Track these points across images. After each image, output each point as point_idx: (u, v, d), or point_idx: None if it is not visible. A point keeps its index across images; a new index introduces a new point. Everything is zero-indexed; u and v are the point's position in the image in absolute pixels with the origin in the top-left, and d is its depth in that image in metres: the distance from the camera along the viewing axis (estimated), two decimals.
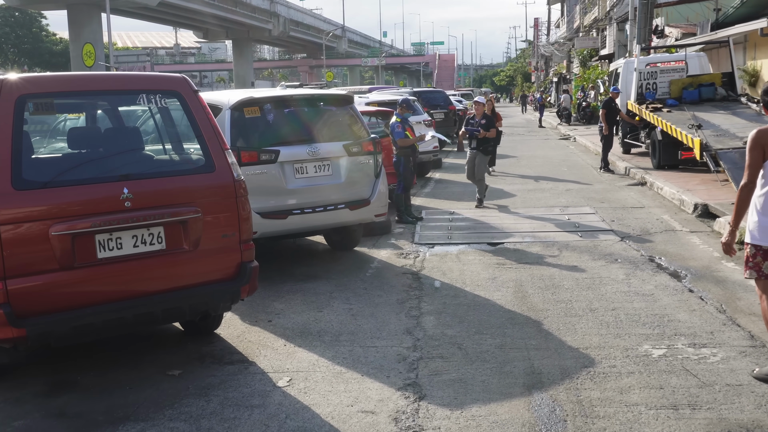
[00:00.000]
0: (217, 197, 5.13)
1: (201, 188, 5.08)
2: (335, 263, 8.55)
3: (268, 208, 7.63)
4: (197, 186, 5.07)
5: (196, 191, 5.06)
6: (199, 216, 5.00)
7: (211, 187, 5.11)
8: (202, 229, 5.02)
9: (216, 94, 8.60)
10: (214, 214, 5.11)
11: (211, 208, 5.09)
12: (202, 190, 5.08)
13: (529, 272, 7.89)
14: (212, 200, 5.10)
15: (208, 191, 5.10)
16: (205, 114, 5.18)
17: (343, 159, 8.09)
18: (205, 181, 5.10)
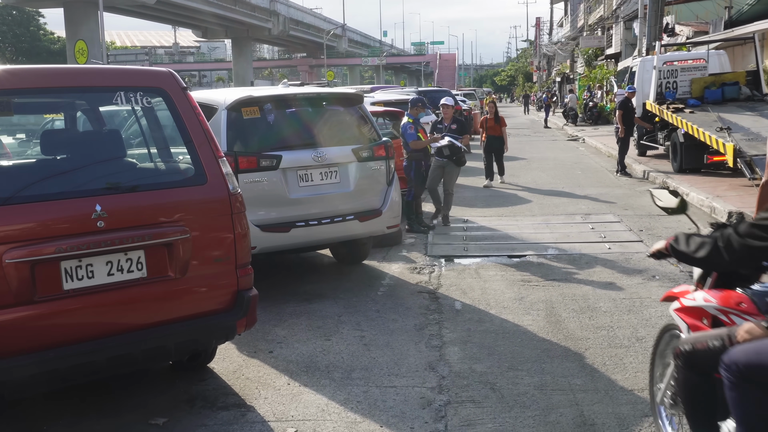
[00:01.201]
0: (209, 214, 4.33)
1: (190, 204, 4.27)
2: (343, 280, 7.74)
3: (268, 221, 6.82)
4: (185, 201, 4.27)
5: (184, 207, 4.25)
6: (188, 237, 4.19)
7: (201, 202, 4.31)
8: (190, 252, 4.21)
9: (211, 92, 7.78)
10: (206, 234, 4.31)
11: (202, 227, 4.28)
12: (190, 205, 4.27)
13: (559, 291, 7.08)
14: (203, 218, 4.30)
15: (199, 207, 4.29)
16: (194, 115, 4.37)
17: (351, 165, 7.28)
18: (195, 195, 4.29)
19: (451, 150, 10.49)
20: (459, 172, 10.95)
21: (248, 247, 4.52)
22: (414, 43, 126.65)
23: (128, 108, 4.50)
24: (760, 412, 2.75)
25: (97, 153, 4.30)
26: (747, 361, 2.76)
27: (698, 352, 3.07)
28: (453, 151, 10.52)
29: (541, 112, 52.85)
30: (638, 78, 18.34)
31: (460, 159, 10.75)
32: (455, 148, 10.56)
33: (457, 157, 10.65)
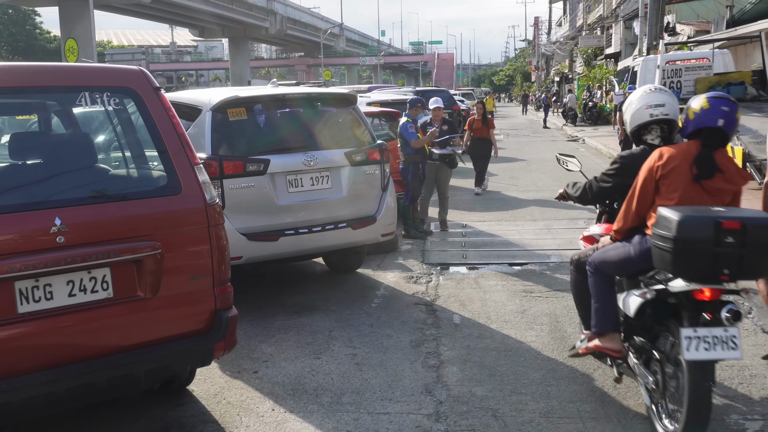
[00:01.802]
0: (184, 227, 3.93)
1: (162, 216, 3.88)
2: (335, 290, 7.35)
3: (255, 229, 6.43)
4: (157, 213, 3.87)
5: (155, 220, 3.86)
6: (159, 252, 3.80)
7: (175, 213, 3.92)
8: (163, 269, 3.82)
9: (195, 92, 7.38)
10: (180, 249, 3.92)
11: (176, 242, 3.89)
12: (163, 218, 3.88)
13: (563, 303, 6.69)
14: (177, 231, 3.90)
15: (172, 219, 3.90)
16: (168, 118, 3.98)
17: (344, 169, 6.89)
18: (168, 207, 3.90)
19: (443, 154, 10.13)
20: (451, 174, 10.59)
21: (227, 262, 4.12)
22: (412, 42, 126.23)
23: (95, 109, 4.09)
24: (602, 287, 4.42)
25: (61, 160, 3.90)
26: (597, 259, 4.41)
27: (581, 259, 4.69)
28: (443, 154, 10.17)
29: (539, 112, 52.53)
30: (640, 78, 17.96)
31: (452, 161, 10.39)
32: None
33: (449, 158, 10.29)
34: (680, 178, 3.99)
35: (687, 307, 3.78)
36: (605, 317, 4.38)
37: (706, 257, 3.61)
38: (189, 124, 6.73)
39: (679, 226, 3.61)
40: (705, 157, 3.97)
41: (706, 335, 3.64)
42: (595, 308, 4.43)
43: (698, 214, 3.70)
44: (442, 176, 10.33)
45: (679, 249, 3.63)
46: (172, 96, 7.41)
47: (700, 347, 3.63)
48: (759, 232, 3.59)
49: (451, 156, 10.35)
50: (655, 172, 4.05)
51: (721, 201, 4.01)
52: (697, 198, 3.99)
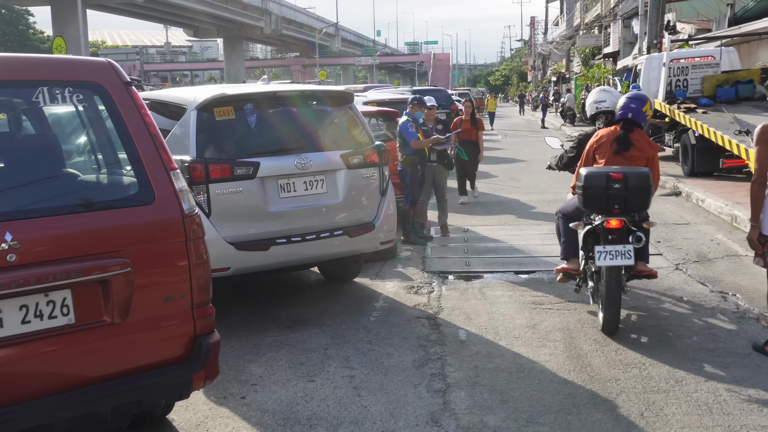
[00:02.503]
0: (158, 241, 3.45)
1: (132, 228, 3.39)
2: (331, 302, 6.86)
3: (244, 237, 5.94)
4: (126, 225, 3.38)
5: (125, 233, 3.37)
6: (129, 271, 3.31)
7: (147, 226, 3.43)
8: (133, 290, 3.33)
9: (179, 90, 6.87)
10: (153, 266, 3.43)
11: (149, 259, 3.41)
12: (133, 231, 3.39)
13: (576, 316, 6.22)
14: (150, 246, 3.42)
15: (144, 233, 3.41)
16: (140, 117, 3.49)
17: (340, 173, 6.40)
18: (139, 218, 3.41)
19: (439, 154, 9.66)
20: (448, 175, 10.15)
21: (209, 281, 3.63)
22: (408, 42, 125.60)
23: (60, 106, 3.60)
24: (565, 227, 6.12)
25: (13, 166, 3.41)
26: (562, 209, 6.26)
27: (562, 209, 6.33)
28: (441, 155, 9.71)
29: (536, 111, 52.05)
30: (644, 76, 17.52)
31: (450, 162, 9.94)
32: (443, 151, 9.74)
33: (447, 160, 9.85)
34: (606, 150, 5.95)
35: (602, 233, 5.59)
36: (568, 247, 6.30)
37: (602, 197, 5.54)
38: (173, 123, 6.25)
39: (585, 178, 5.62)
40: (622, 137, 5.91)
41: (611, 250, 5.42)
42: (562, 242, 6.37)
43: (597, 169, 5.66)
44: (440, 178, 9.88)
45: (585, 192, 5.61)
46: (155, 94, 6.93)
47: (607, 258, 5.44)
48: (636, 180, 5.50)
49: (449, 158, 9.90)
50: (592, 146, 6.05)
51: (636, 164, 5.86)
52: (618, 163, 5.84)
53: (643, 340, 5.58)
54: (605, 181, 5.49)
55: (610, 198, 5.49)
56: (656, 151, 6.13)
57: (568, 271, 6.25)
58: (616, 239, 5.50)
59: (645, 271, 5.97)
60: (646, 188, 5.61)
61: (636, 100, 6.05)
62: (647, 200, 5.71)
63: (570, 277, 6.29)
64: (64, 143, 3.56)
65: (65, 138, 3.61)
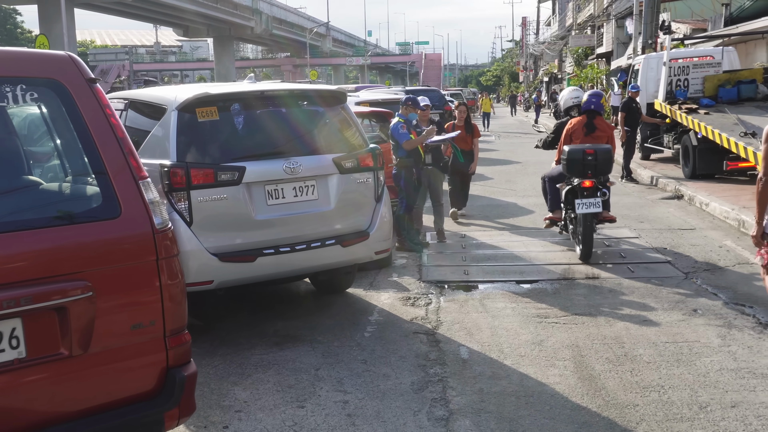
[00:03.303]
0: (124, 261, 3.01)
1: (94, 247, 2.96)
2: (323, 315, 6.44)
3: (229, 248, 5.51)
4: (87, 243, 2.95)
5: (86, 253, 2.94)
6: (91, 296, 2.88)
7: (112, 243, 3.00)
8: (95, 317, 2.90)
9: (160, 89, 6.43)
10: (119, 290, 3.00)
11: (113, 281, 2.97)
12: (96, 250, 2.96)
13: (585, 331, 5.81)
14: (115, 267, 2.98)
15: (108, 251, 2.98)
16: (104, 118, 3.06)
17: (333, 178, 5.97)
18: (103, 235, 2.98)
19: (434, 156, 9.24)
20: (444, 178, 9.71)
21: (183, 305, 3.20)
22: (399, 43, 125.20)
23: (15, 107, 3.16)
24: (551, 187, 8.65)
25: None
26: (548, 174, 8.79)
27: (547, 175, 8.80)
28: (436, 157, 9.28)
29: (528, 112, 51.69)
30: (642, 75, 17.14)
31: (446, 165, 9.49)
32: (438, 153, 9.32)
33: (443, 163, 9.40)
34: (579, 133, 8.40)
35: (579, 190, 7.77)
36: (554, 202, 8.66)
37: (580, 165, 7.82)
38: (153, 125, 5.81)
39: (568, 153, 7.92)
40: (589, 123, 8.35)
41: (586, 201, 7.63)
42: (549, 199, 8.81)
43: (575, 147, 8.05)
44: (436, 182, 9.45)
45: (568, 163, 7.88)
46: (134, 93, 6.49)
47: (583, 207, 7.66)
48: (603, 154, 7.88)
49: (445, 160, 9.46)
50: (568, 131, 8.44)
51: (601, 141, 8.33)
52: (588, 142, 8.26)
53: (659, 359, 5.18)
54: (582, 155, 7.98)
55: (585, 166, 7.94)
56: (612, 130, 8.90)
57: (553, 219, 8.79)
58: (589, 194, 7.85)
59: (608, 216, 8.51)
60: (610, 159, 8.21)
61: (596, 95, 8.83)
62: (610, 167, 8.29)
63: (554, 223, 8.85)
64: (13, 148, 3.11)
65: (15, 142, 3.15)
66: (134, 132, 6.13)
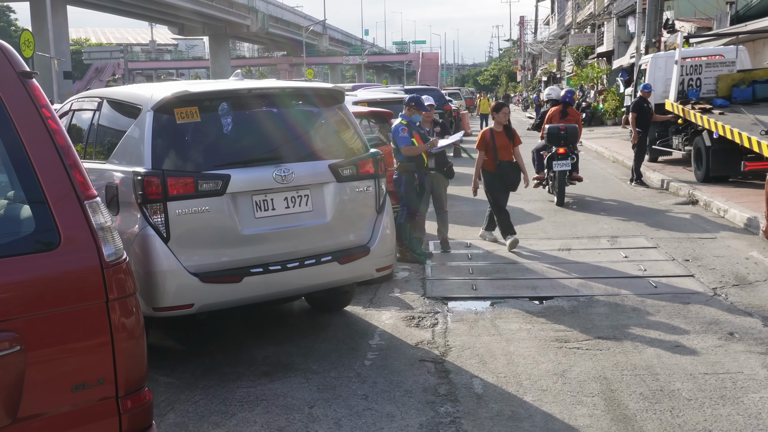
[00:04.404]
0: (64, 304, 2.37)
1: (23, 287, 2.32)
2: (318, 338, 5.79)
3: (212, 266, 4.87)
4: (14, 283, 2.32)
5: (12, 295, 2.31)
6: (18, 351, 2.24)
7: (48, 282, 2.36)
8: (24, 378, 2.26)
9: (135, 87, 5.76)
10: (56, 342, 2.36)
11: (49, 331, 2.34)
12: (25, 291, 2.32)
13: (611, 359, 5.18)
14: (51, 312, 2.34)
15: (42, 293, 2.34)
16: (41, 122, 2.43)
17: (329, 186, 5.34)
18: (35, 271, 2.34)
19: (437, 160, 8.60)
20: (448, 184, 9.06)
21: (141, 356, 2.57)
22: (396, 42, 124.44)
23: None
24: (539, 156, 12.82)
25: None
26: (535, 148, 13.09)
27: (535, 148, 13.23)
28: (440, 161, 8.64)
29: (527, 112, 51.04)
30: (649, 75, 16.51)
31: (450, 170, 8.82)
32: (442, 156, 8.69)
33: (447, 167, 8.74)
34: (556, 117, 12.30)
35: (556, 156, 11.50)
36: (539, 166, 12.32)
37: (556, 137, 11.51)
38: (127, 126, 5.16)
39: (548, 129, 11.83)
40: (562, 110, 12.24)
41: (560, 162, 11.48)
42: (536, 164, 12.46)
43: (554, 125, 11.84)
44: (439, 187, 8.80)
45: (549, 135, 11.64)
46: (108, 91, 5.84)
47: (558, 166, 11.48)
48: (571, 130, 11.70)
49: (449, 164, 8.80)
50: (549, 116, 12.29)
51: (571, 122, 12.11)
52: (562, 122, 11.93)
53: (700, 394, 4.55)
54: (557, 131, 11.59)
55: (560, 138, 11.50)
56: (579, 116, 12.97)
57: (539, 178, 12.31)
58: (562, 158, 11.43)
59: (576, 176, 12.23)
60: (576, 134, 11.90)
61: (569, 92, 13.32)
62: (576, 140, 12.04)
63: (540, 183, 12.36)
64: None
65: None
66: (107, 135, 5.50)
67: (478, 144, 9.01)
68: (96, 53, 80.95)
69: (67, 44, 52.31)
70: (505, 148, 8.94)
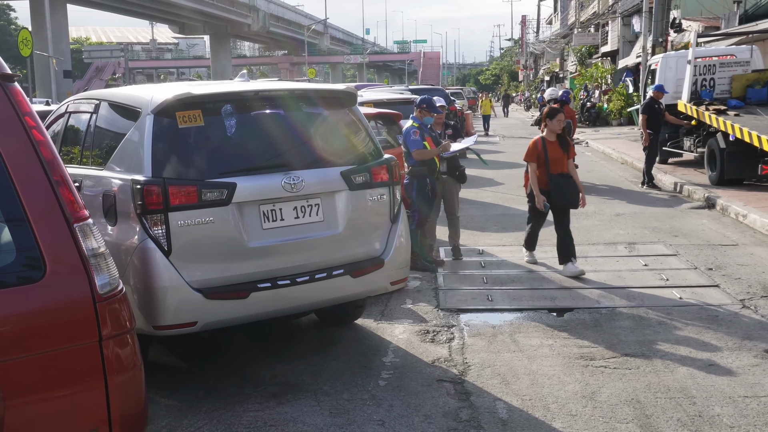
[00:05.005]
0: (49, 345, 2.04)
1: (2, 325, 1.98)
2: (328, 355, 5.47)
3: (216, 281, 4.54)
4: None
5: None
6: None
7: (31, 320, 2.02)
8: (1, 430, 1.92)
9: (134, 89, 5.41)
10: (40, 390, 2.02)
11: (31, 377, 2.00)
12: (3, 331, 1.98)
13: (642, 379, 4.85)
14: (33, 356, 2.01)
15: (23, 333, 2.01)
16: (24, 132, 2.10)
17: (341, 195, 5.01)
18: (15, 307, 2.01)
19: (449, 164, 8.27)
20: (460, 189, 8.72)
21: (140, 402, 2.23)
22: (397, 41, 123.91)
23: None
24: None
25: None
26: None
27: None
28: (452, 165, 8.33)
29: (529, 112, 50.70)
30: (660, 75, 16.19)
31: (462, 174, 8.48)
32: (454, 160, 8.35)
33: (459, 172, 8.40)
34: None
35: None
36: None
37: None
38: (125, 131, 4.83)
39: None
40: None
41: None
42: None
43: None
44: (451, 192, 8.48)
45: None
46: (106, 93, 5.51)
47: None
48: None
49: (461, 168, 8.46)
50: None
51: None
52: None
53: (743, 422, 4.22)
54: None
55: None
56: (574, 113, 15.15)
57: None
58: None
59: None
60: (571, 127, 13.34)
61: (566, 92, 15.74)
62: (572, 131, 13.50)
63: None
64: None
65: None
66: (104, 139, 5.17)
67: (528, 155, 7.77)
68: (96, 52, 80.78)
69: (67, 43, 52.00)
70: (558, 162, 7.70)
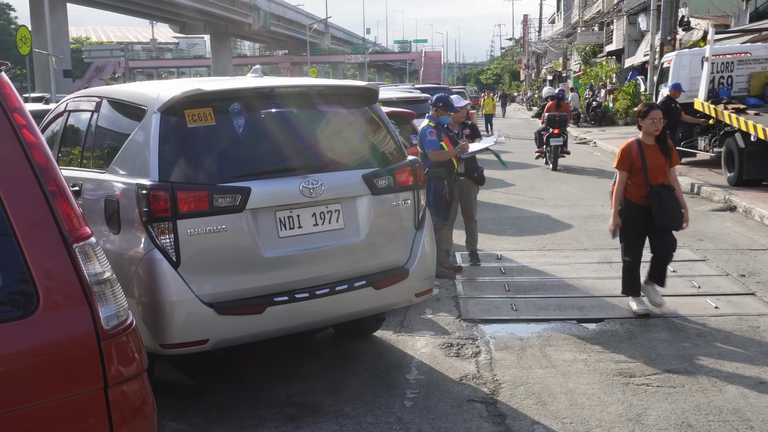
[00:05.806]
0: (42, 397, 1.65)
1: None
2: (347, 371, 5.09)
3: (229, 295, 4.16)
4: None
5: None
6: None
7: (21, 363, 1.63)
8: None
9: (139, 85, 5.00)
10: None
11: (26, 426, 1.60)
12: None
13: (690, 400, 4.48)
14: (24, 410, 1.62)
15: (11, 380, 1.61)
16: (13, 133, 1.70)
17: (362, 200, 4.63)
18: (4, 348, 1.61)
19: (467, 165, 7.89)
20: (478, 191, 8.33)
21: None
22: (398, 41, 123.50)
23: None
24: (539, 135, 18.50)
25: None
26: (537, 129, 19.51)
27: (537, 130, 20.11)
28: (470, 167, 7.93)
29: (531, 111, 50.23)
30: (673, 73, 15.83)
31: (480, 176, 8.09)
32: (472, 161, 7.97)
33: (478, 173, 8.02)
34: (552, 108, 17.87)
35: (552, 135, 16.78)
36: (540, 142, 17.77)
37: (553, 121, 16.75)
38: (130, 131, 4.45)
39: (547, 116, 17.22)
40: (557, 103, 18.09)
41: (555, 139, 16.76)
42: (537, 141, 17.98)
43: (551, 113, 17.22)
44: (469, 195, 8.09)
45: (547, 120, 17.02)
46: (108, 90, 5.13)
47: (553, 141, 16.71)
48: (562, 117, 17.01)
49: (479, 170, 8.07)
50: (547, 107, 18.22)
51: (563, 112, 17.65)
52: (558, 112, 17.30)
53: None
54: (554, 116, 16.61)
55: (555, 122, 16.47)
56: (569, 108, 20.50)
57: (540, 152, 17.50)
58: (556, 136, 16.46)
59: (565, 150, 16.91)
60: (566, 120, 17.06)
61: (561, 90, 22.25)
62: (566, 125, 17.05)
63: (541, 155, 17.51)
64: None
65: None
66: (106, 139, 4.79)
67: (619, 162, 6.13)
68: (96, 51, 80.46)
69: (67, 42, 51.64)
70: (659, 169, 6.03)
